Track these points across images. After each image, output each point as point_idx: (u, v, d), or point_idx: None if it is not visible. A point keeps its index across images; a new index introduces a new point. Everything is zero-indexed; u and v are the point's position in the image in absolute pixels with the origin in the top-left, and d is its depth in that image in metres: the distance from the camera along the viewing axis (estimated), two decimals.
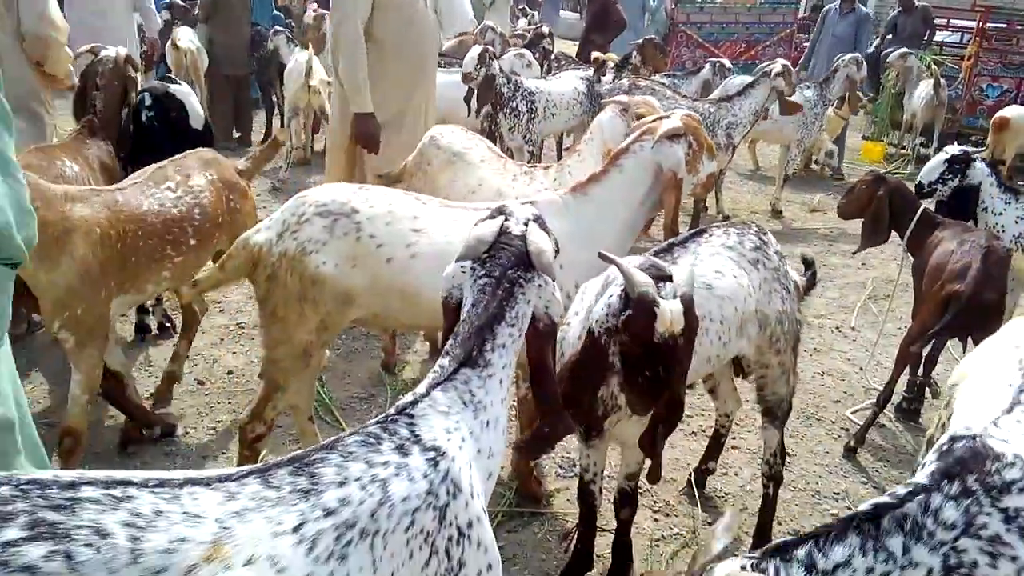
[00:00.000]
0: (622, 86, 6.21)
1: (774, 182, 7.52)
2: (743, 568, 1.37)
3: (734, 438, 3.43)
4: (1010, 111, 8.49)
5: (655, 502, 3.02)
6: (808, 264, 2.95)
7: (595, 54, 6.55)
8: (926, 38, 10.96)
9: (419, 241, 2.41)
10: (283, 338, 2.39)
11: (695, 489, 3.07)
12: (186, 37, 7.29)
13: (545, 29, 8.44)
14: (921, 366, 3.76)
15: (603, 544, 2.63)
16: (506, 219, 1.62)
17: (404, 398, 1.42)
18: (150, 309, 3.99)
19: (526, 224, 1.61)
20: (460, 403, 1.42)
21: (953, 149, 4.02)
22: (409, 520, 1.23)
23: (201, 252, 2.95)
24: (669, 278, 1.85)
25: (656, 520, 2.92)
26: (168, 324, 4.00)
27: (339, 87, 4.07)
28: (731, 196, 7.73)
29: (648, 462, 2.08)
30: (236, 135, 8.21)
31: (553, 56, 8.19)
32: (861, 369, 4.20)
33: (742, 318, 2.39)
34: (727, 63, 8.20)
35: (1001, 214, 4.05)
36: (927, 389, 3.83)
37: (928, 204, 3.84)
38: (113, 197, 2.67)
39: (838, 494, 3.14)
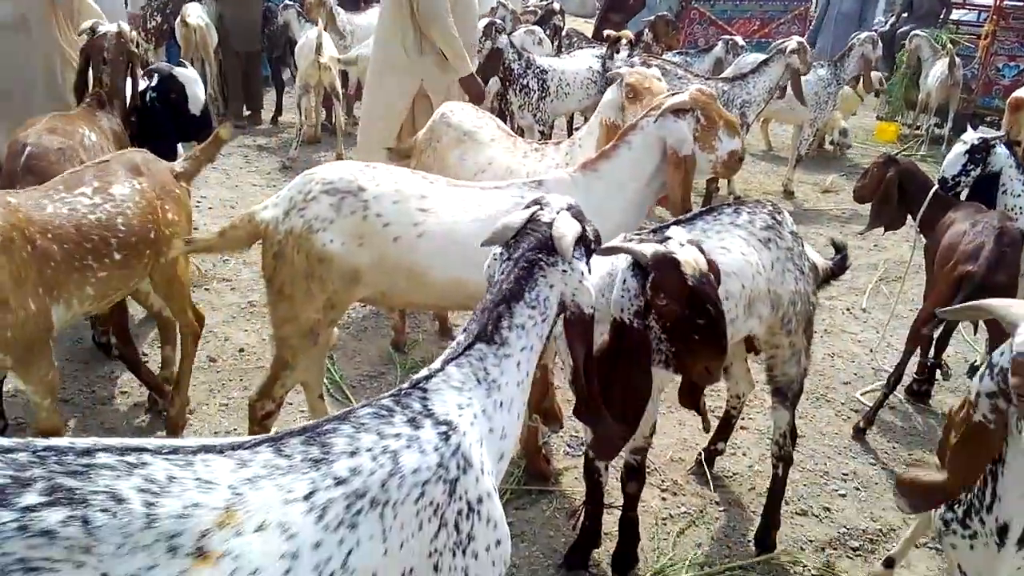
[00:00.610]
0: (633, 64, 6.15)
1: (786, 162, 7.45)
2: None
3: (743, 419, 3.43)
4: None
5: (663, 481, 3.04)
6: (839, 248, 2.92)
7: (608, 32, 6.47)
8: (942, 16, 10.79)
9: (426, 220, 2.40)
10: (290, 316, 2.40)
11: (704, 469, 3.08)
12: (195, 13, 7.26)
13: (556, 6, 8.37)
14: (932, 348, 3.75)
15: (611, 522, 2.65)
16: (540, 208, 1.61)
17: (419, 372, 1.43)
18: None
19: (558, 212, 1.59)
20: (474, 380, 1.43)
21: (971, 138, 3.95)
22: (419, 492, 1.24)
23: (128, 269, 2.58)
24: (664, 241, 1.86)
25: (664, 499, 2.94)
26: None
27: (379, 60, 4.32)
28: (743, 176, 7.65)
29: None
30: (247, 113, 8.19)
31: (564, 33, 8.12)
32: (871, 351, 4.19)
33: (750, 296, 2.37)
34: (740, 41, 8.09)
35: (1020, 195, 4.00)
36: (938, 371, 3.81)
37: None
38: (5, 199, 2.31)
39: (847, 475, 3.14)
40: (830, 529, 2.82)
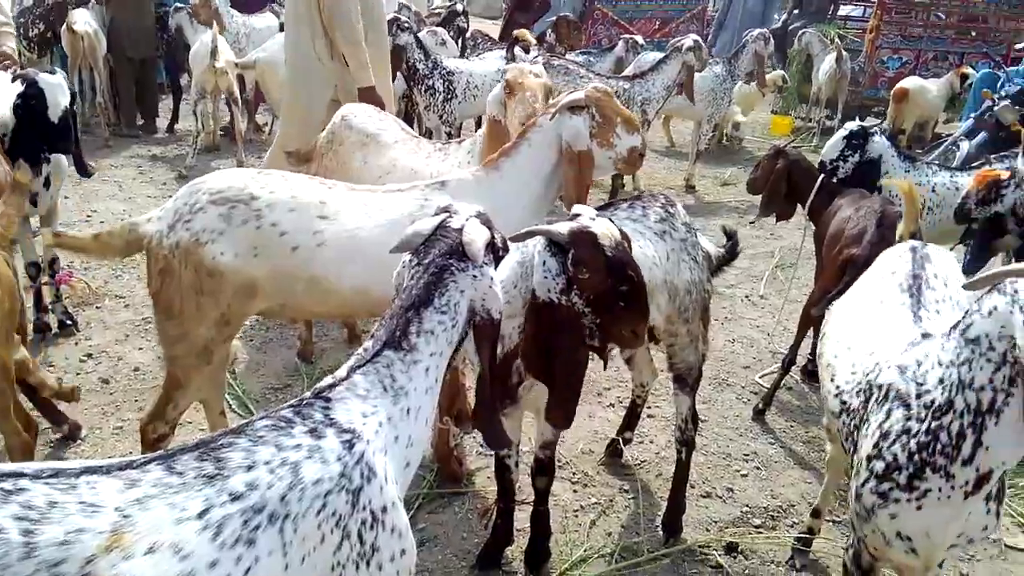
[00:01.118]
0: (537, 63, 6.21)
1: (688, 157, 7.68)
2: None
3: (650, 407, 3.51)
4: (908, 82, 8.88)
5: (574, 474, 3.08)
6: (729, 236, 3.02)
7: (519, 32, 6.52)
8: (830, 12, 11.34)
9: (327, 228, 2.35)
10: (181, 335, 2.30)
11: (614, 459, 3.15)
12: (82, 19, 6.92)
13: (459, 7, 8.38)
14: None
15: (524, 519, 2.66)
16: (449, 215, 1.62)
17: (323, 381, 1.41)
18: (50, 307, 3.81)
19: (467, 219, 1.60)
20: (380, 387, 1.41)
21: (851, 125, 4.18)
22: (321, 503, 1.23)
23: None
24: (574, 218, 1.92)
25: (575, 491, 2.98)
26: (69, 322, 3.84)
27: (292, 66, 4.20)
28: (647, 172, 7.86)
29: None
30: (141, 122, 7.87)
31: (469, 35, 8.14)
32: (769, 335, 4.36)
33: (648, 288, 2.43)
34: (640, 40, 8.30)
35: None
36: None
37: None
38: None
39: (748, 455, 3.26)
40: (733, 509, 2.92)
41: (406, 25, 5.90)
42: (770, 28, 8.64)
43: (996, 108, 6.11)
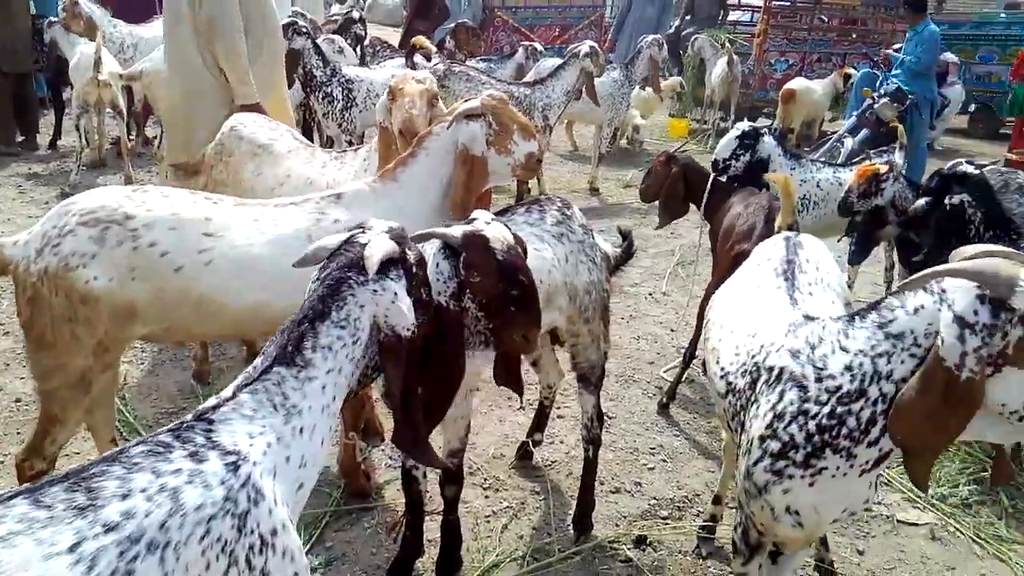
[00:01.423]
0: (437, 71, 6.20)
1: (591, 161, 7.82)
2: None
3: (559, 407, 3.54)
4: (795, 84, 9.34)
5: (485, 479, 3.07)
6: (625, 235, 3.09)
7: (416, 39, 6.48)
8: (720, 18, 11.79)
9: (214, 245, 2.26)
10: (55, 366, 2.16)
11: (524, 462, 3.15)
12: None
13: (356, 14, 8.27)
14: None
15: (435, 528, 2.63)
16: (362, 230, 1.59)
17: (207, 402, 1.35)
18: None
19: (377, 234, 1.58)
20: (269, 406, 1.37)
21: (743, 126, 4.34)
22: (204, 529, 1.18)
23: None
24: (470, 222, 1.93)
25: (487, 497, 2.97)
26: None
27: (179, 84, 3.93)
28: (551, 176, 7.97)
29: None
30: (20, 138, 7.42)
31: (367, 43, 8.05)
32: (672, 330, 4.48)
33: (548, 291, 2.46)
34: (539, 47, 8.41)
35: None
36: None
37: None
38: None
39: (654, 449, 3.33)
40: (642, 502, 2.98)
41: (303, 29, 5.76)
42: (664, 34, 8.91)
43: (876, 106, 6.50)
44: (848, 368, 1.61)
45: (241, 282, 2.28)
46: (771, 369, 1.77)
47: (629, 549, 2.70)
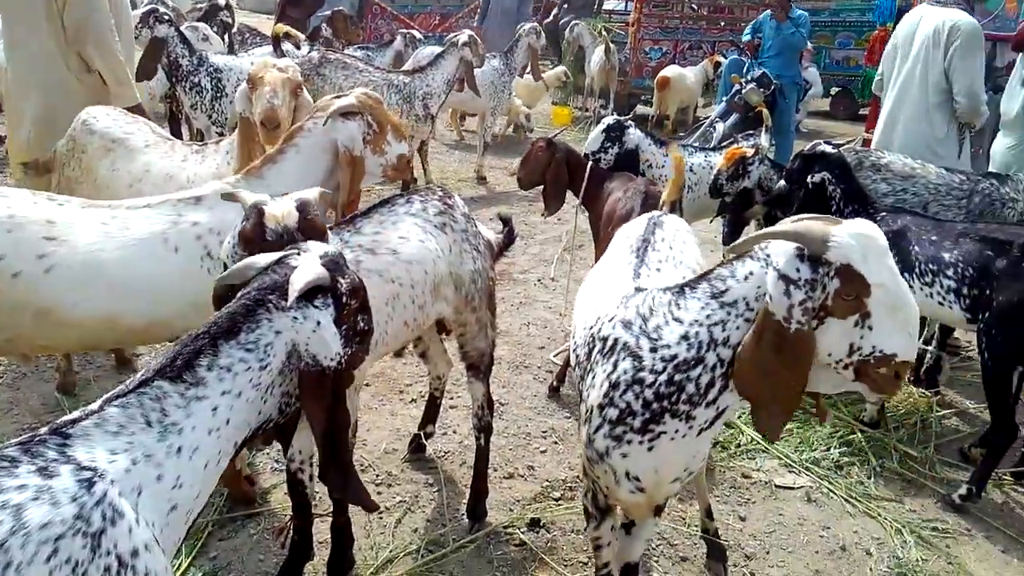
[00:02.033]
0: (312, 59, 6.02)
1: (477, 150, 7.80)
2: None
3: (451, 398, 3.53)
4: (669, 71, 9.64)
5: (377, 475, 3.01)
6: (505, 222, 3.09)
7: (277, 27, 6.25)
8: (596, 6, 12.02)
9: (56, 251, 2.11)
10: None
11: (417, 455, 3.12)
12: None
13: (222, 1, 7.89)
14: None
15: (326, 529, 2.56)
16: (298, 252, 1.53)
17: (68, 415, 1.26)
18: None
19: (311, 258, 1.51)
20: (142, 421, 1.29)
21: (609, 120, 4.43)
22: (51, 549, 1.11)
23: None
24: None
25: (379, 493, 2.91)
26: None
27: (39, 84, 3.60)
28: (438, 166, 7.93)
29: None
30: None
31: (236, 30, 7.70)
32: (561, 315, 4.54)
33: (435, 281, 2.43)
34: (418, 34, 8.31)
35: (663, 167, 4.59)
36: None
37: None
38: None
39: (546, 432, 3.37)
40: (535, 485, 3.01)
41: (165, 17, 5.44)
42: (543, 23, 9.01)
43: (743, 91, 6.79)
44: (684, 338, 1.68)
45: (88, 291, 2.15)
46: (604, 340, 1.82)
47: (523, 533, 2.72)
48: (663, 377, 1.69)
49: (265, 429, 1.54)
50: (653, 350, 1.71)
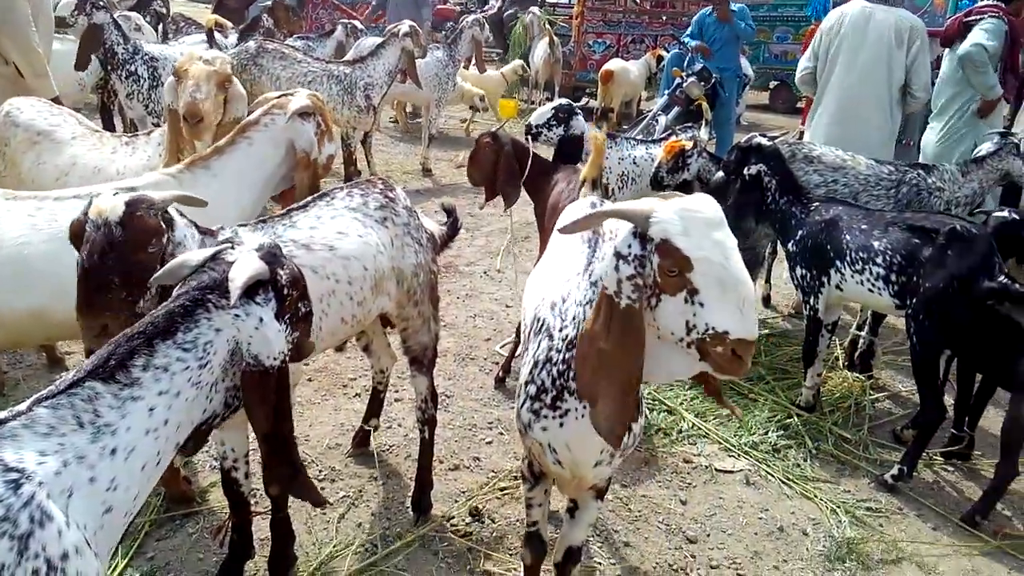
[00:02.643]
0: (248, 49, 5.88)
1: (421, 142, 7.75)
2: None
3: (396, 391, 3.50)
4: (613, 64, 9.72)
5: (320, 471, 2.98)
6: (449, 212, 3.06)
7: (210, 18, 6.09)
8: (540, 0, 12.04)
9: None
10: None
11: (361, 449, 3.09)
12: None
13: None
14: None
15: (267, 527, 2.52)
16: (232, 246, 1.51)
17: None
18: None
19: (246, 252, 1.48)
20: (73, 422, 1.26)
21: (562, 101, 4.46)
22: None
23: None
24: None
25: (323, 488, 2.88)
26: None
27: None
28: (383, 158, 7.85)
29: None
30: None
31: (170, 19, 7.48)
32: (507, 306, 4.55)
33: (375, 277, 2.39)
34: (359, 24, 8.20)
35: (607, 158, 4.63)
36: None
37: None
38: None
39: (491, 423, 3.38)
40: (480, 476, 3.01)
41: (101, 3, 5.25)
42: (486, 15, 8.97)
43: (684, 85, 6.88)
44: (573, 318, 1.74)
45: (12, 286, 2.08)
46: (538, 320, 1.90)
47: (467, 524, 2.72)
48: (564, 355, 1.76)
49: (211, 424, 1.52)
50: (561, 330, 1.79)
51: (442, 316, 4.13)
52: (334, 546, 2.57)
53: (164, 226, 1.81)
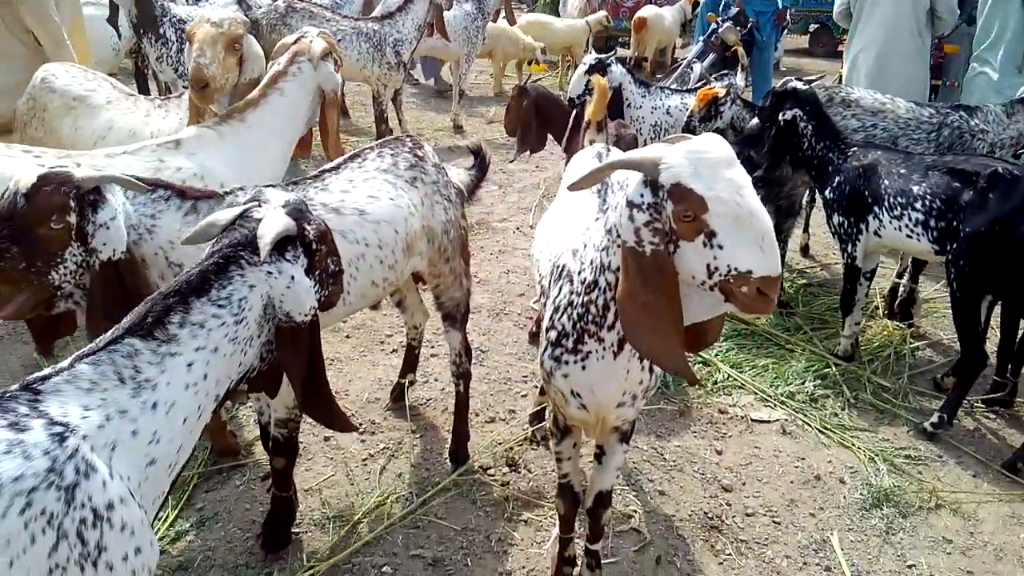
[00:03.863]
0: (277, 8, 5.87)
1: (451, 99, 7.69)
2: None
3: (432, 346, 3.55)
4: (646, 11, 9.49)
5: (360, 424, 3.05)
6: (476, 152, 3.06)
7: None
8: None
9: None
10: None
11: (398, 403, 3.15)
12: None
13: None
14: None
15: (311, 477, 2.60)
16: (258, 204, 1.52)
17: (40, 371, 1.28)
18: None
19: (273, 209, 1.51)
20: (114, 378, 1.30)
21: (589, 59, 4.38)
22: (25, 501, 1.13)
23: None
24: None
25: (363, 441, 2.95)
26: None
27: None
28: (414, 116, 7.82)
29: None
30: None
31: None
32: None
33: (407, 239, 2.39)
34: None
35: (640, 107, 4.57)
36: None
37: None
38: None
39: (526, 376, 3.41)
40: (516, 428, 3.05)
41: None
42: None
43: (720, 30, 6.70)
44: (591, 263, 1.74)
45: None
46: (558, 268, 1.91)
47: (504, 474, 2.77)
48: (580, 299, 1.77)
49: (250, 378, 1.56)
50: (580, 273, 1.79)
51: (475, 272, 4.19)
52: (379, 495, 2.63)
53: (74, 204, 1.79)
